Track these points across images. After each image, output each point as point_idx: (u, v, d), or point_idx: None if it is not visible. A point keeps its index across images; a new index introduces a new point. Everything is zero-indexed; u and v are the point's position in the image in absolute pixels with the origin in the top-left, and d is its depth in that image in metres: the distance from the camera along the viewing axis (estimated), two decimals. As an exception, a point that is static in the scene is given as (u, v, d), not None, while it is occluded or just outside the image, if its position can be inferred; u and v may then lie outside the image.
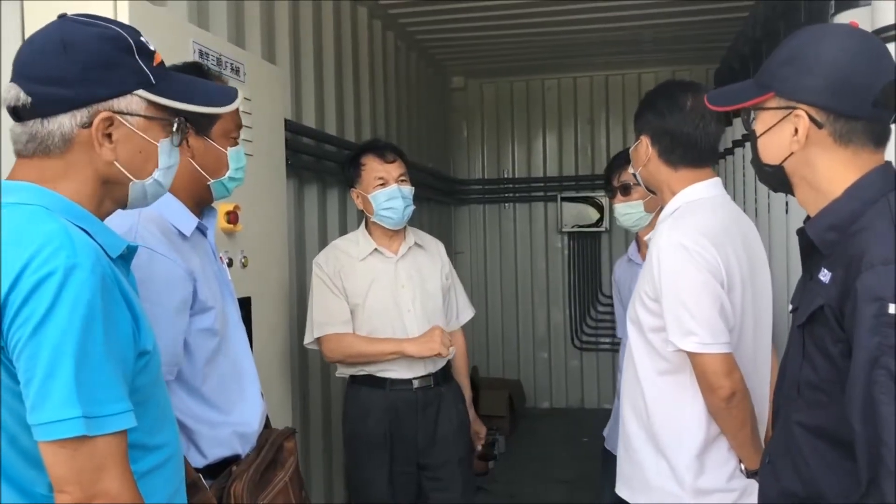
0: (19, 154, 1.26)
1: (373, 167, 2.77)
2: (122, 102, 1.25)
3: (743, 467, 1.93)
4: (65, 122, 1.21)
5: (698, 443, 1.93)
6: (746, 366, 1.93)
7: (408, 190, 2.79)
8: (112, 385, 1.14)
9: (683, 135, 1.98)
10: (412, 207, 2.81)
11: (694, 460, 1.92)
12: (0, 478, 1.19)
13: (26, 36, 1.96)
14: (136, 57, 1.26)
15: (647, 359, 1.98)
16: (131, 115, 1.26)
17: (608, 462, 3.07)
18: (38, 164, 1.24)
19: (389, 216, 2.76)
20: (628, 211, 2.87)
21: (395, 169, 2.78)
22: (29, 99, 1.20)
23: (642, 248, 2.94)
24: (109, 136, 1.24)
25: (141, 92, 1.26)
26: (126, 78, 1.25)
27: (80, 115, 1.22)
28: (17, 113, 1.22)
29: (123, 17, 1.90)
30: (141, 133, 1.28)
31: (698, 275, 1.85)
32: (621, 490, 2.12)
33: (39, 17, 1.91)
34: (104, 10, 1.86)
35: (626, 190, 2.87)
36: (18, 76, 1.23)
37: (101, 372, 1.13)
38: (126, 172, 1.27)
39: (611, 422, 3.06)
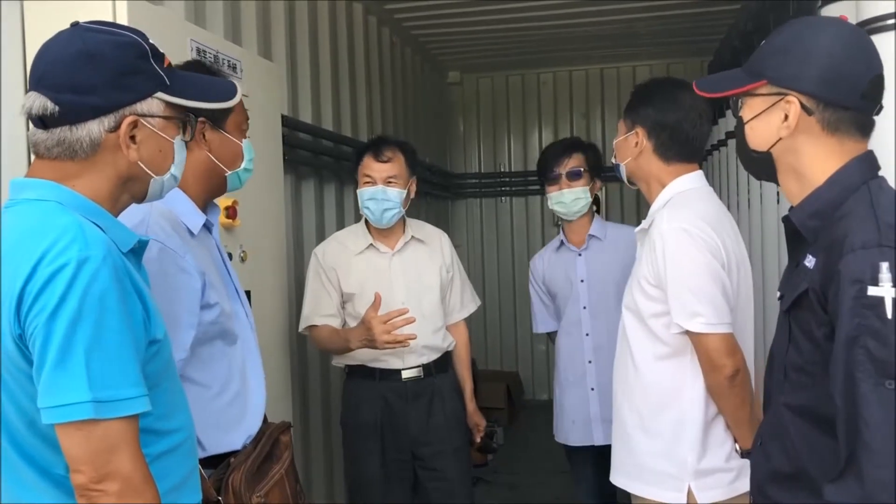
0: (40, 156, 1.30)
1: (366, 164, 2.80)
2: (143, 105, 1.32)
3: (738, 447, 1.98)
4: (93, 128, 1.27)
5: (699, 425, 1.98)
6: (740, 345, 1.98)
7: (394, 192, 2.74)
8: (124, 370, 1.19)
9: (682, 132, 2.06)
10: (396, 211, 2.76)
11: (696, 442, 1.98)
12: (19, 459, 1.25)
13: (27, 36, 1.99)
14: (152, 61, 1.32)
15: (646, 344, 2.03)
16: (152, 116, 1.33)
17: (572, 455, 3.12)
18: (59, 165, 1.29)
19: (368, 214, 2.80)
20: (580, 195, 2.95)
21: (386, 169, 2.76)
22: (57, 108, 1.25)
23: (571, 234, 3.04)
24: (133, 137, 1.31)
25: (160, 94, 1.33)
26: (146, 82, 1.32)
27: (108, 121, 1.28)
28: (44, 121, 1.26)
29: (122, 17, 1.93)
30: (160, 132, 1.35)
31: (701, 257, 1.92)
32: (617, 479, 2.15)
33: (39, 18, 1.97)
34: (103, 10, 1.90)
35: (576, 176, 2.95)
36: (41, 86, 1.27)
37: (113, 358, 1.18)
38: (148, 170, 1.35)
39: (556, 415, 3.11)
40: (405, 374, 2.79)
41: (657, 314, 1.99)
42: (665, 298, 1.96)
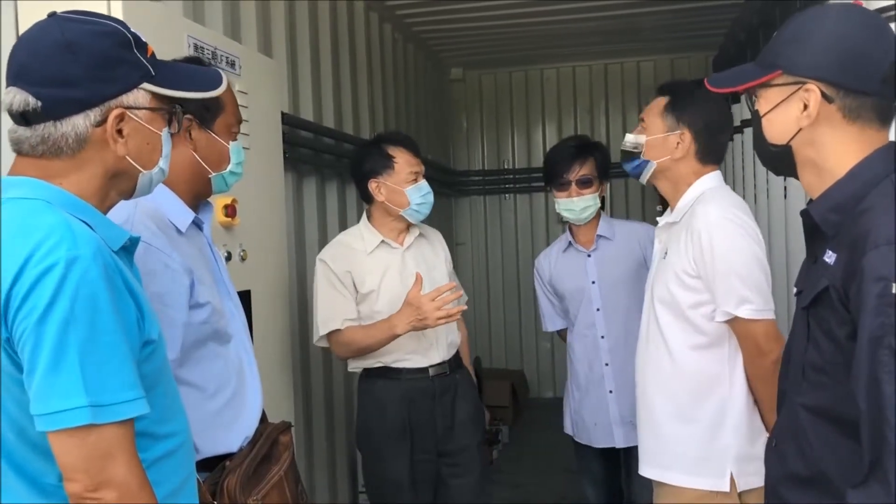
0: (23, 154, 1.25)
1: (407, 161, 2.75)
2: (129, 97, 1.27)
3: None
4: (79, 123, 1.23)
5: (744, 413, 2.01)
6: None
7: None
8: (120, 373, 1.16)
9: (723, 141, 2.18)
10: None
11: (740, 430, 2.00)
12: (7, 468, 1.21)
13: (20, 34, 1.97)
14: (135, 50, 1.27)
15: (682, 335, 2.05)
16: (138, 108, 1.28)
17: (579, 449, 3.09)
18: (43, 163, 1.24)
19: (422, 211, 2.76)
20: (590, 203, 2.93)
21: (421, 164, 2.79)
22: (39, 103, 1.20)
23: (579, 235, 3.02)
24: (120, 131, 1.27)
25: (145, 85, 1.28)
26: (130, 73, 1.27)
27: (94, 115, 1.24)
28: (26, 117, 1.22)
29: (117, 13, 1.89)
30: (147, 125, 1.30)
31: (747, 245, 1.97)
32: (648, 471, 2.15)
33: (34, 16, 1.93)
34: (98, 7, 1.86)
35: (587, 183, 2.92)
36: (21, 80, 1.22)
37: (108, 360, 1.14)
38: (136, 165, 1.30)
39: (572, 413, 3.10)
40: (432, 371, 2.76)
41: (696, 304, 2.01)
42: (705, 289, 1.99)
